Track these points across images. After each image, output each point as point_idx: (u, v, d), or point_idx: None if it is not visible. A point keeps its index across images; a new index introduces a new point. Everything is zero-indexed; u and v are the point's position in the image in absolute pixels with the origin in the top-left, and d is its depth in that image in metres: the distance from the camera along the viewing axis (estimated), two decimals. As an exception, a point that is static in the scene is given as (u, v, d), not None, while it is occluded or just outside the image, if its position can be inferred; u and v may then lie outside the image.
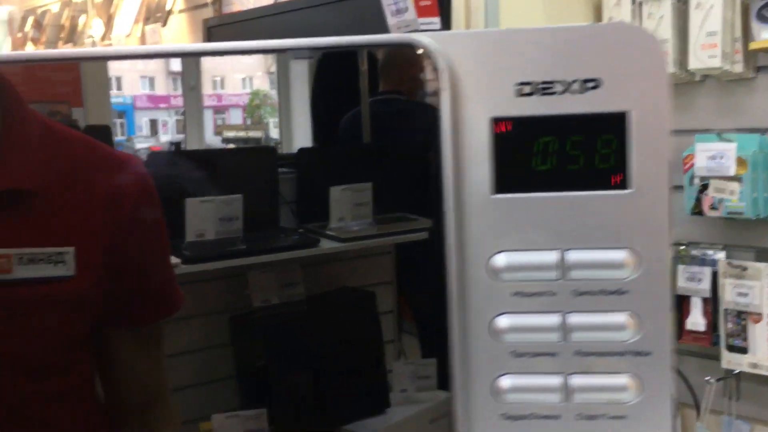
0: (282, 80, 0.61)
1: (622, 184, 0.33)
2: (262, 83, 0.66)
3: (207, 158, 0.60)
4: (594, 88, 0.33)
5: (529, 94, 0.34)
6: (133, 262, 0.50)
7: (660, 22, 1.73)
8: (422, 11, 1.35)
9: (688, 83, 1.80)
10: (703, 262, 1.75)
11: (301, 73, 0.59)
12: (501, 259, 0.34)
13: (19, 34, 3.14)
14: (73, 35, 2.78)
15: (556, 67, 0.33)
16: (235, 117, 0.67)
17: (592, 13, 1.90)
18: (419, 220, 0.62)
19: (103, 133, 0.58)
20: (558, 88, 0.33)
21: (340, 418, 0.63)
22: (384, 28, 1.49)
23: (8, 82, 0.49)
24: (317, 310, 0.62)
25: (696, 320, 1.77)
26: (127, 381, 0.54)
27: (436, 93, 0.33)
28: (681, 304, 1.81)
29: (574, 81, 0.33)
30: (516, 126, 0.33)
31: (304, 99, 0.60)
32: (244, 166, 0.70)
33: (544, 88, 0.33)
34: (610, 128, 0.33)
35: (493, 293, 0.34)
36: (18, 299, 0.46)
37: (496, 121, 0.33)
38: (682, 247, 1.83)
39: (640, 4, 1.77)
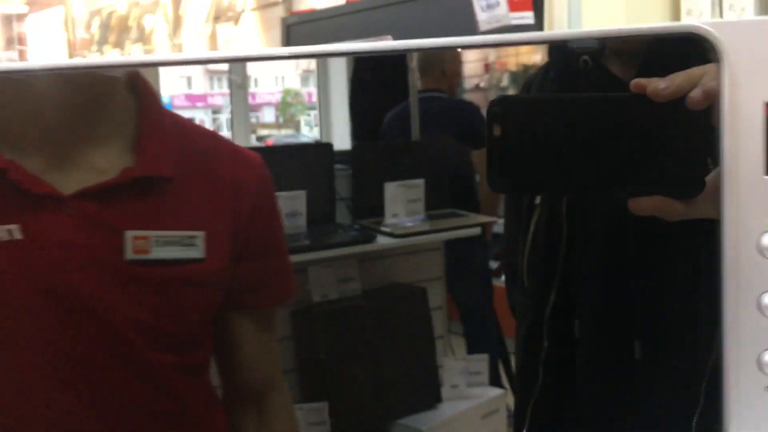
0: (321, 78, 0.63)
1: None
2: (294, 82, 0.67)
3: (263, 154, 0.62)
4: None
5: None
6: (254, 249, 0.53)
7: (742, 14, 1.74)
8: (515, 5, 1.37)
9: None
10: None
11: (339, 71, 0.61)
12: (770, 238, 0.36)
13: (86, 35, 3.24)
14: (141, 36, 2.87)
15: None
16: (268, 115, 0.69)
17: (670, 5, 1.91)
18: (470, 216, 0.64)
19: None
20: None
21: (396, 412, 0.65)
22: (468, 25, 1.50)
23: (144, 80, 0.52)
24: (373, 306, 0.64)
25: None
26: (246, 364, 0.57)
27: (478, 88, 0.37)
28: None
29: None
30: (789, 109, 0.35)
31: (343, 96, 0.62)
32: (301, 162, 0.72)
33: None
34: None
35: (762, 270, 0.36)
36: (155, 278, 0.50)
37: (769, 105, 0.35)
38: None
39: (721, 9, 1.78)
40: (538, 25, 1.40)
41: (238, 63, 0.62)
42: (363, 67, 0.60)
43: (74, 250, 0.49)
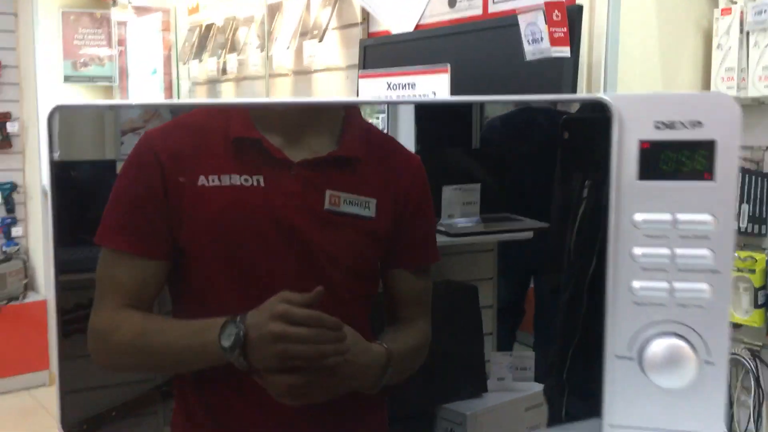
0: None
1: (710, 178, 0.61)
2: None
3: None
4: (699, 126, 0.61)
5: (662, 128, 0.62)
6: (408, 218, 0.70)
7: (765, 51, 1.94)
8: (555, 41, 1.61)
9: (788, 105, 1.99)
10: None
11: None
12: (638, 216, 0.63)
13: (186, 44, 3.58)
14: (235, 47, 3.17)
15: (677, 114, 0.61)
16: None
17: (703, 40, 2.12)
18: (525, 220, 0.69)
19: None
20: (678, 125, 0.62)
21: (442, 397, 0.71)
22: (517, 55, 1.74)
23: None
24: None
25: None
26: (401, 306, 0.71)
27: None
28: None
29: (686, 121, 0.61)
30: (652, 145, 0.62)
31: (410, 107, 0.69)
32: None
33: (670, 124, 0.62)
34: (706, 148, 0.61)
35: (632, 234, 0.63)
36: (342, 224, 0.68)
37: (642, 142, 0.62)
38: (776, 251, 2.03)
39: (748, 33, 1.98)
40: (574, 59, 1.64)
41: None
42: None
43: (294, 197, 0.68)
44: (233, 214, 0.68)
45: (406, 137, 0.70)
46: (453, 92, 1.59)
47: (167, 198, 0.69)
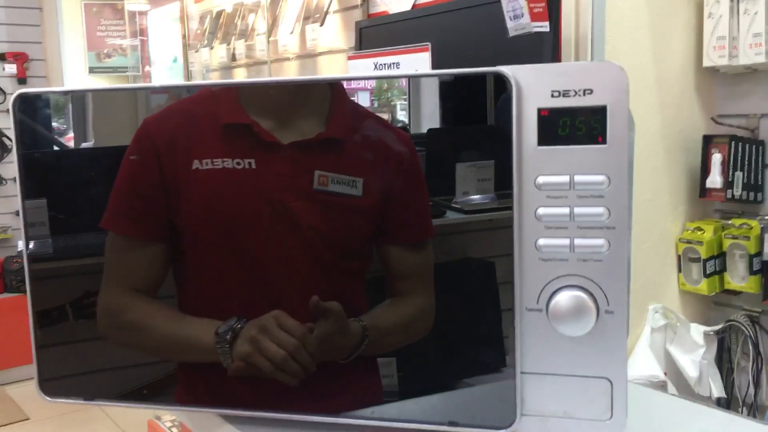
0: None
1: (603, 141, 0.66)
2: None
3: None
4: (590, 93, 0.66)
5: (557, 96, 0.67)
6: (398, 195, 0.72)
7: (755, 18, 1.94)
8: (534, 17, 1.64)
9: (781, 71, 1.99)
10: (788, 231, 1.95)
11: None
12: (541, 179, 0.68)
13: (198, 31, 3.66)
14: (244, 33, 3.23)
15: (571, 83, 0.66)
16: (363, 100, 0.74)
17: (694, 9, 2.12)
18: None
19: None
20: (572, 93, 0.67)
21: (461, 371, 0.73)
22: (501, 31, 1.77)
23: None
24: (443, 277, 0.71)
25: (780, 283, 1.98)
26: (398, 280, 0.74)
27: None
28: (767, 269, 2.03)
29: (579, 89, 0.66)
30: (550, 112, 0.67)
31: (433, 83, 0.70)
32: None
33: (565, 93, 0.67)
34: (598, 113, 0.66)
35: (535, 196, 0.68)
36: (331, 202, 0.70)
37: (540, 110, 0.67)
38: (767, 218, 2.04)
39: (738, 1, 1.98)
40: (554, 33, 1.67)
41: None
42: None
43: (284, 178, 0.71)
44: (226, 195, 0.72)
45: (430, 115, 0.71)
46: (438, 68, 1.63)
47: (164, 182, 0.73)
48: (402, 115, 0.73)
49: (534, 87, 0.67)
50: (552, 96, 0.67)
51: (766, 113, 2.06)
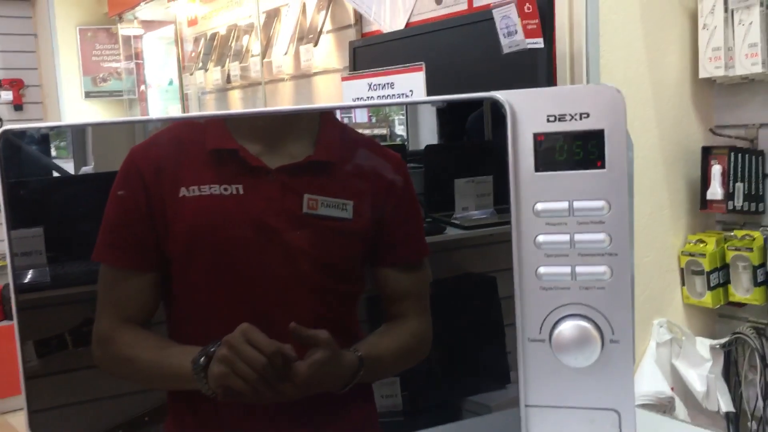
0: None
1: (602, 166, 0.64)
2: None
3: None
4: (587, 117, 0.64)
5: (553, 120, 0.65)
6: (391, 217, 0.72)
7: (750, 28, 1.93)
8: (528, 33, 1.63)
9: (778, 81, 1.98)
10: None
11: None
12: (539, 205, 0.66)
13: (192, 54, 3.66)
14: (238, 54, 3.23)
15: (566, 107, 0.65)
16: (361, 116, 0.75)
17: (689, 21, 2.12)
18: None
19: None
20: (567, 117, 0.65)
21: (466, 390, 0.72)
22: (500, 47, 1.76)
23: None
24: (444, 293, 0.71)
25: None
26: (394, 302, 0.73)
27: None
28: (772, 281, 2.00)
29: (575, 113, 0.65)
30: (546, 137, 0.65)
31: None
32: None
33: (560, 117, 0.65)
34: (595, 137, 0.64)
35: (534, 223, 0.66)
36: (321, 226, 0.70)
37: (536, 135, 0.66)
38: (770, 229, 2.02)
39: (732, 12, 1.98)
40: (548, 49, 1.66)
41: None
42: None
43: (273, 202, 0.70)
44: (214, 222, 0.71)
45: (429, 131, 0.71)
46: (433, 88, 1.63)
47: (152, 212, 0.72)
48: (400, 130, 0.73)
49: (529, 112, 0.66)
50: (548, 120, 0.65)
51: (765, 123, 2.05)
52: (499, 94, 0.66)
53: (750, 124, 2.09)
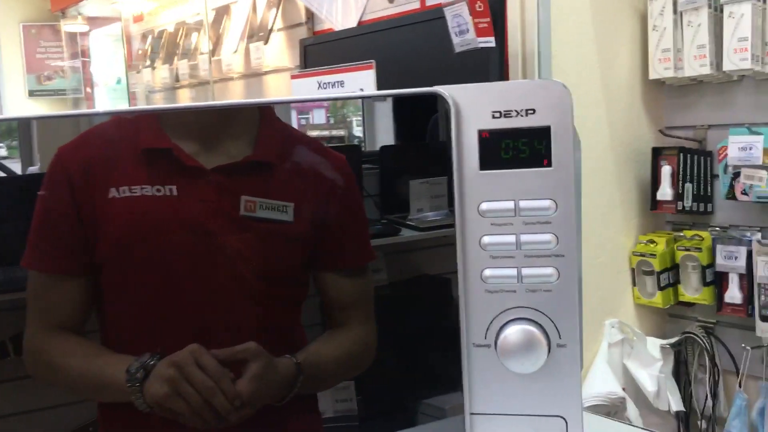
0: None
1: (548, 164, 0.62)
2: None
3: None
4: (532, 113, 0.62)
5: (499, 117, 0.63)
6: (333, 220, 0.70)
7: (698, 30, 1.95)
8: (480, 32, 1.61)
9: (726, 82, 2.01)
10: (739, 242, 1.96)
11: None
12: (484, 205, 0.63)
13: (140, 51, 3.57)
14: (187, 52, 3.16)
15: (512, 103, 0.62)
16: (318, 117, 0.74)
17: (639, 22, 2.13)
18: None
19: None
20: (513, 113, 0.62)
21: (420, 393, 0.70)
22: (452, 46, 1.75)
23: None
24: (399, 295, 0.70)
25: (733, 294, 1.98)
26: (338, 310, 0.71)
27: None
28: (720, 280, 2.03)
29: (521, 109, 0.62)
30: (491, 134, 0.63)
31: (388, 100, 0.68)
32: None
33: (506, 113, 0.62)
34: (542, 134, 0.62)
35: (479, 223, 0.63)
36: (260, 229, 0.67)
37: (481, 132, 0.63)
38: (718, 229, 2.04)
39: (681, 14, 1.99)
40: (500, 48, 1.65)
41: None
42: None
43: (208, 204, 0.67)
44: (146, 225, 0.68)
45: (385, 132, 0.69)
46: (384, 86, 1.60)
47: (79, 214, 0.69)
48: (359, 132, 0.72)
49: (474, 107, 0.63)
50: (493, 117, 0.63)
51: (713, 124, 2.07)
52: (443, 89, 0.63)
53: (699, 125, 2.11)
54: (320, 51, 2.10)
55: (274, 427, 0.70)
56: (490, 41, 1.59)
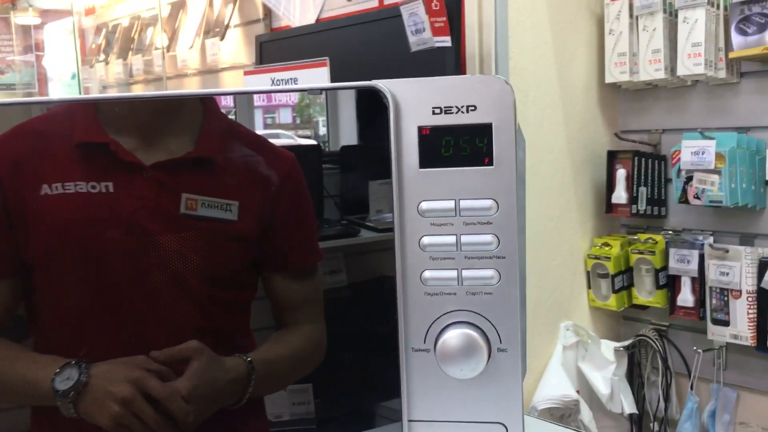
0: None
1: (489, 163, 0.60)
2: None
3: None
4: (474, 110, 0.60)
5: (439, 113, 0.60)
6: (281, 220, 0.68)
7: (653, 34, 1.96)
8: (436, 31, 1.60)
9: (680, 87, 2.02)
10: (692, 245, 1.98)
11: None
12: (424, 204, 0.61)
13: (93, 45, 3.48)
14: (141, 47, 3.09)
15: (453, 98, 0.60)
16: (285, 116, 0.72)
17: (596, 26, 2.13)
18: None
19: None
20: (454, 109, 0.60)
21: (380, 395, 0.69)
22: (408, 45, 1.73)
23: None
24: (358, 296, 0.69)
25: (686, 297, 2.00)
26: (286, 312, 0.69)
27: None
28: (673, 283, 2.04)
29: (462, 106, 0.60)
30: (432, 131, 0.60)
31: (351, 99, 0.67)
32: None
33: (447, 109, 0.60)
34: (483, 132, 0.60)
35: (419, 223, 0.61)
36: (201, 229, 0.65)
37: (421, 128, 0.60)
38: (671, 233, 2.06)
39: (637, 18, 2.00)
40: (456, 48, 1.63)
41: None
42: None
43: (147, 202, 0.65)
44: (80, 224, 0.65)
45: (349, 132, 0.68)
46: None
47: (7, 211, 0.66)
48: (324, 132, 0.71)
49: (414, 103, 0.61)
50: (433, 113, 0.61)
51: (667, 128, 2.08)
52: (381, 83, 0.61)
53: (653, 130, 2.12)
54: (276, 48, 2.07)
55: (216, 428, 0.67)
56: (446, 41, 1.57)
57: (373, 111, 0.66)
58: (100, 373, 0.63)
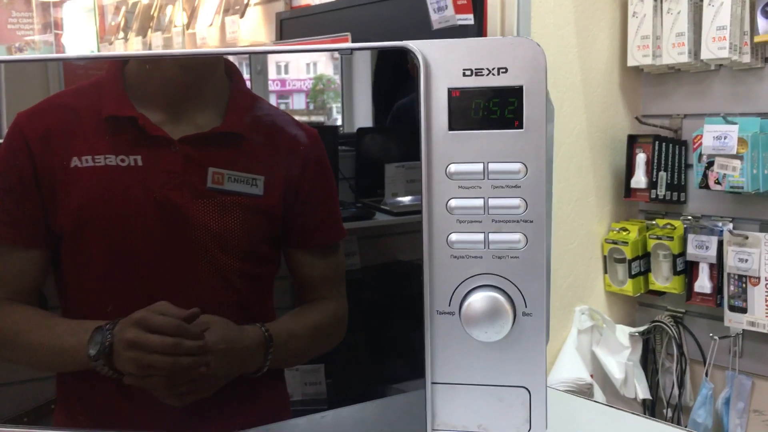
0: (345, 67, 0.68)
1: (519, 126, 0.60)
2: (326, 68, 0.70)
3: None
4: (504, 72, 0.60)
5: (470, 75, 0.60)
6: (304, 196, 0.68)
7: (678, 17, 1.94)
8: (459, 9, 1.59)
9: (703, 72, 2.00)
10: (711, 231, 1.96)
11: (363, 62, 0.67)
12: (452, 167, 0.61)
13: (113, 23, 3.49)
14: (161, 25, 3.10)
15: (484, 60, 0.60)
16: (299, 102, 0.72)
17: (620, 8, 2.11)
18: None
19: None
20: (485, 71, 0.60)
21: (391, 377, 0.70)
22: (426, 23, 1.72)
23: (236, 67, 0.68)
24: (373, 280, 0.69)
25: (703, 283, 1.99)
26: (310, 288, 0.70)
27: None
28: (691, 269, 2.03)
29: (493, 68, 0.60)
30: (462, 93, 0.60)
31: (367, 83, 0.67)
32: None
33: (477, 71, 0.60)
34: (513, 94, 0.60)
35: (447, 186, 0.61)
36: (226, 202, 0.65)
37: (451, 90, 0.60)
38: (690, 218, 2.05)
39: (661, 1, 1.98)
40: (478, 26, 1.62)
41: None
42: (383, 60, 0.67)
43: (175, 175, 0.66)
44: (109, 196, 0.67)
45: (364, 116, 0.69)
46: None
47: (39, 183, 0.67)
48: (339, 118, 0.71)
49: (444, 64, 0.61)
50: (464, 75, 0.60)
51: (689, 113, 2.07)
52: (412, 44, 0.61)
53: (675, 114, 2.11)
54: (296, 26, 2.07)
55: (242, 399, 0.68)
56: (468, 19, 1.56)
57: (393, 95, 0.67)
58: (118, 330, 0.65)
